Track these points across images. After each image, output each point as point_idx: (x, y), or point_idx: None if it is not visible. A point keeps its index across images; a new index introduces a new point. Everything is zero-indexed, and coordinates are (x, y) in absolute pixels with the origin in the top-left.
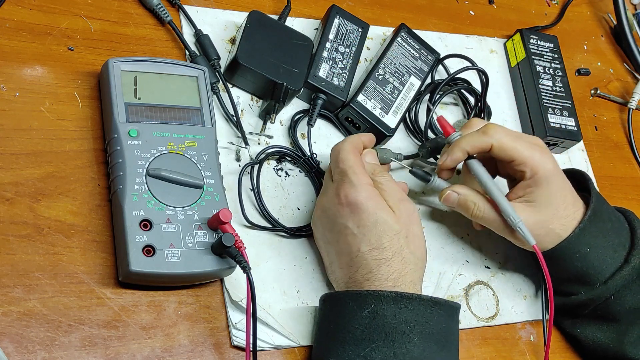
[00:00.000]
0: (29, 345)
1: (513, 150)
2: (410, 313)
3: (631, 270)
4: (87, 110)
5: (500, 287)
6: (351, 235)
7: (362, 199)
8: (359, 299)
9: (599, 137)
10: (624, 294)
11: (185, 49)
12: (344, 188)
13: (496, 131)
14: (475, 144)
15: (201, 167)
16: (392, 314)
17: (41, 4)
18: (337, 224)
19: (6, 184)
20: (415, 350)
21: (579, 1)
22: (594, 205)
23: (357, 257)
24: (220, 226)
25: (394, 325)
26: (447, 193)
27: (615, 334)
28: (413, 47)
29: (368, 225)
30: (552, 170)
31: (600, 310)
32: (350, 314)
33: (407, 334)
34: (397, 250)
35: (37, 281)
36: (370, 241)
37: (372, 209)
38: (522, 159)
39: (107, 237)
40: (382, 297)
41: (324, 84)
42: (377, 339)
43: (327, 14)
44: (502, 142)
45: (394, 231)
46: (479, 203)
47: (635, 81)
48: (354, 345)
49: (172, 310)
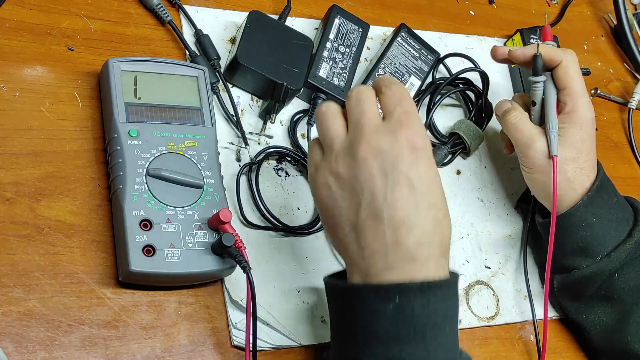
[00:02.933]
0: (29, 345)
1: (573, 78)
2: (438, 301)
3: (634, 244)
4: (87, 110)
5: (500, 287)
6: (410, 187)
7: (426, 145)
8: (381, 292)
9: (599, 137)
10: (627, 271)
11: (185, 49)
12: (409, 131)
13: (572, 56)
14: (549, 50)
15: (201, 167)
16: (420, 306)
17: (41, 4)
18: (395, 170)
19: (6, 184)
20: (448, 341)
21: (579, 1)
22: (601, 177)
23: (414, 214)
24: (220, 226)
25: (423, 319)
26: (503, 101)
27: (620, 315)
28: (413, 47)
29: (429, 178)
30: (589, 119)
31: (604, 289)
32: (373, 310)
33: (438, 326)
34: (447, 212)
35: (37, 281)
36: (430, 196)
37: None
38: (574, 91)
39: (107, 237)
40: (406, 290)
41: (324, 84)
42: (405, 336)
43: (328, 14)
44: (570, 65)
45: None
46: (519, 112)
47: (635, 81)
48: (382, 345)
49: (172, 310)
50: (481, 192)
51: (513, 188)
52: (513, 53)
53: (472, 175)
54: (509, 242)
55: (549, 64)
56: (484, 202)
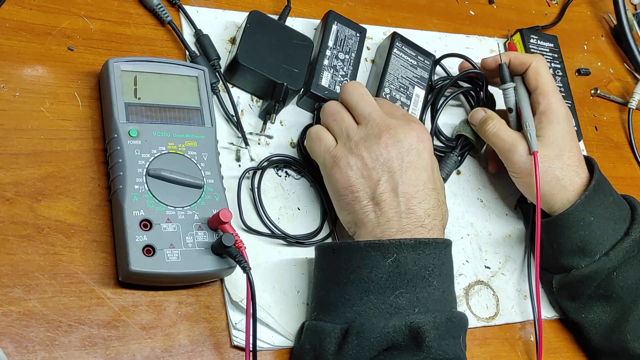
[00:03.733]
0: (29, 345)
1: (544, 79)
2: (428, 258)
3: (632, 242)
4: (87, 110)
5: (500, 287)
6: (421, 170)
7: (429, 139)
8: (382, 249)
9: (599, 137)
10: (625, 269)
11: (185, 49)
12: (417, 126)
13: (541, 58)
14: (519, 55)
15: (201, 167)
16: (412, 261)
17: (41, 4)
18: (409, 155)
19: (6, 184)
20: (435, 293)
21: (579, 1)
22: (597, 177)
23: (422, 191)
24: (220, 226)
25: (415, 272)
26: (477, 110)
27: (619, 313)
28: (409, 54)
29: (433, 167)
30: (564, 115)
31: (603, 288)
32: (372, 263)
33: (427, 279)
34: (443, 199)
35: (37, 281)
36: (434, 182)
37: (432, 152)
38: (546, 91)
39: (107, 237)
40: (403, 245)
41: (326, 93)
42: (401, 286)
43: (325, 20)
44: (540, 65)
45: (441, 181)
46: (496, 121)
47: (635, 81)
48: (378, 293)
49: (172, 310)
50: (481, 192)
51: (513, 188)
52: (484, 61)
53: (472, 176)
54: (509, 242)
55: (520, 67)
56: (484, 202)
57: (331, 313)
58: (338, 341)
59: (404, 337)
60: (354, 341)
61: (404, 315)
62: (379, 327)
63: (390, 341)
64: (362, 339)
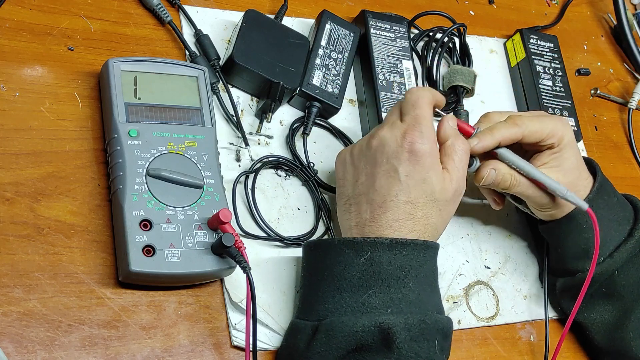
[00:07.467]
0: (29, 345)
1: (541, 131)
2: (405, 259)
3: (635, 243)
4: (87, 110)
5: (500, 287)
6: (395, 180)
7: (424, 151)
8: (356, 246)
9: (599, 137)
10: (627, 267)
11: (185, 49)
12: (413, 134)
13: (523, 121)
14: (507, 136)
15: (201, 167)
16: (387, 261)
17: (41, 4)
18: (388, 163)
19: (6, 184)
20: (410, 294)
21: (579, 1)
22: (600, 179)
23: (391, 201)
24: (220, 226)
25: (389, 272)
26: (487, 172)
27: (621, 312)
28: (384, 29)
29: (416, 179)
30: (572, 137)
31: (605, 287)
32: (346, 261)
33: (402, 280)
34: (427, 215)
35: (37, 281)
36: (410, 194)
37: (428, 166)
38: (550, 134)
39: (107, 237)
40: (378, 244)
41: (318, 92)
42: (374, 285)
43: (319, 19)
44: (530, 129)
45: (434, 198)
46: (515, 175)
47: (635, 81)
48: (351, 292)
49: (172, 310)
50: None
51: None
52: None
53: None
54: (509, 242)
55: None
56: (484, 202)
57: (307, 311)
58: (308, 338)
59: (374, 337)
60: (323, 339)
61: (375, 315)
62: (348, 326)
63: (358, 341)
64: (331, 337)
